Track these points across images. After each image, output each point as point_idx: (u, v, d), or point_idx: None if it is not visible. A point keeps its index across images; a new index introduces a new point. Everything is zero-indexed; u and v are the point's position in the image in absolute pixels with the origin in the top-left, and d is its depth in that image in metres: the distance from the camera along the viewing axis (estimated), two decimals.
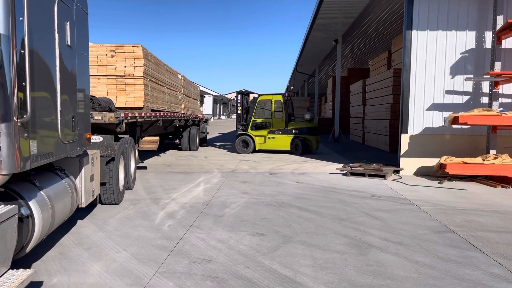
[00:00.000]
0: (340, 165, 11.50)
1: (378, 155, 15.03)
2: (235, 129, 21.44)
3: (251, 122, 16.28)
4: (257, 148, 16.14)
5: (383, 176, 10.04)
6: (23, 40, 3.22)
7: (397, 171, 10.71)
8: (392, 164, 11.26)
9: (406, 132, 10.73)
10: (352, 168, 10.67)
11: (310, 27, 19.29)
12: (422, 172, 10.61)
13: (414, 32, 10.54)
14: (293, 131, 15.79)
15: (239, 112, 16.68)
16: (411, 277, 4.04)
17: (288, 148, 15.86)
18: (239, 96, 16.72)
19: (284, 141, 15.89)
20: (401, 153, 10.80)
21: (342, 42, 21.42)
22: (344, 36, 20.65)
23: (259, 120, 16.23)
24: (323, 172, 11.19)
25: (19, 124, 3.16)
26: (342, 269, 4.24)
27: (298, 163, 13.07)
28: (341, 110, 22.50)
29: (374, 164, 11.15)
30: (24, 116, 3.21)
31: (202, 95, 38.66)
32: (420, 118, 10.65)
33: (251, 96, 18.31)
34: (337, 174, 10.68)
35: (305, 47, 24.12)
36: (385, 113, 17.01)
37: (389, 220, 6.19)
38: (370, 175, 10.19)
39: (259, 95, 16.89)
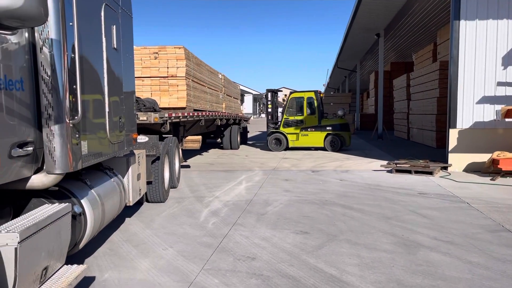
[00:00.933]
0: (385, 162, 11.19)
1: (424, 151, 14.53)
2: None
3: (283, 119, 16.37)
4: (290, 146, 16.21)
5: (430, 173, 9.68)
6: (73, 44, 3.34)
7: (445, 168, 10.30)
8: (440, 161, 10.84)
9: (454, 126, 10.30)
10: (397, 165, 10.36)
11: (350, 21, 18.94)
12: (473, 169, 10.15)
13: (462, 22, 10.08)
14: (327, 128, 15.86)
15: (269, 110, 16.77)
16: (464, 278, 3.86)
17: (322, 145, 15.89)
18: (269, 94, 16.74)
19: (317, 137, 15.94)
20: (450, 149, 10.37)
21: (384, 36, 20.89)
22: (386, 29, 20.11)
23: (291, 118, 16.32)
24: (367, 169, 10.95)
25: (71, 125, 3.29)
26: (389, 269, 4.12)
27: (340, 161, 12.86)
28: (384, 105, 21.96)
29: (421, 161, 10.77)
30: (76, 117, 3.33)
31: (242, 94, 38.94)
32: (470, 111, 10.19)
33: (280, 94, 18.44)
34: (381, 171, 10.42)
35: (345, 42, 23.71)
36: (431, 108, 16.41)
37: (438, 218, 5.95)
38: (417, 172, 9.86)
39: (291, 92, 16.91)
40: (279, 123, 16.55)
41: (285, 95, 17.48)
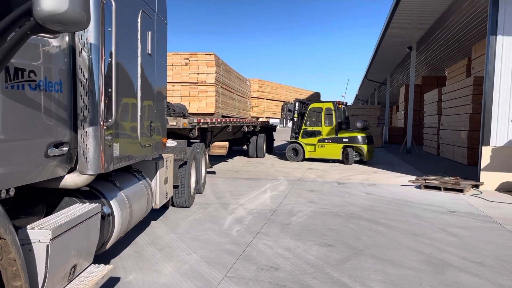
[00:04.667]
0: (413, 177, 10.96)
1: (455, 168, 14.14)
2: None
3: (302, 130, 16.23)
4: (306, 156, 16.01)
5: (460, 191, 9.41)
6: (110, 49, 3.43)
7: (476, 186, 9.98)
8: (471, 178, 10.52)
9: (487, 144, 10.00)
10: (426, 181, 10.12)
11: (382, 34, 18.73)
12: (506, 188, 9.80)
13: (499, 37, 9.81)
14: (343, 140, 15.42)
15: (295, 119, 16.59)
16: None
17: (338, 157, 15.52)
18: (297, 103, 16.59)
19: (334, 149, 15.58)
20: (482, 167, 10.06)
21: (417, 49, 20.54)
22: (419, 42, 19.78)
23: (309, 128, 16.16)
24: (395, 184, 10.74)
25: (105, 127, 3.36)
26: (416, 287, 4.01)
27: (367, 174, 12.67)
28: (413, 119, 21.52)
29: (451, 178, 10.49)
30: (109, 120, 3.41)
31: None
32: (504, 129, 9.87)
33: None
34: (409, 187, 10.20)
35: (376, 55, 23.44)
36: (463, 124, 15.98)
37: (468, 238, 5.77)
38: (446, 189, 9.60)
39: (311, 102, 16.80)
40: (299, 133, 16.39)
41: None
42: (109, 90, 3.42)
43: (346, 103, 17.08)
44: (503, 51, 9.82)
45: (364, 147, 15.21)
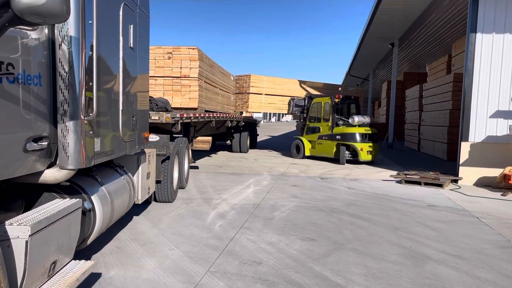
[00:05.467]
0: (394, 172, 11.12)
1: (435, 163, 14.40)
2: (284, 132, 21.40)
3: (306, 126, 15.60)
4: (306, 154, 15.33)
5: (440, 185, 9.60)
6: (91, 42, 3.38)
7: (455, 181, 10.19)
8: (450, 173, 10.73)
9: (466, 140, 10.20)
10: (407, 176, 10.29)
11: (365, 30, 18.87)
12: (483, 183, 10.03)
13: (478, 35, 10.00)
14: (336, 137, 14.35)
15: (304, 115, 15.98)
16: None
17: (332, 156, 14.52)
18: (306, 99, 16.09)
19: (329, 147, 14.64)
20: (461, 162, 10.28)
21: (399, 46, 20.76)
22: (401, 39, 20.00)
23: (311, 124, 15.39)
24: (376, 179, 10.88)
25: (86, 122, 3.32)
26: (396, 280, 4.08)
27: (349, 169, 12.80)
28: (395, 115, 21.78)
29: (431, 173, 10.68)
30: (90, 114, 3.36)
31: None
32: (483, 125, 10.08)
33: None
34: (390, 182, 10.35)
35: (359, 51, 23.62)
36: (443, 120, 16.27)
37: (447, 231, 5.89)
38: (426, 184, 9.78)
39: (315, 97, 15.97)
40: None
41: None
42: (90, 84, 3.37)
43: (356, 97, 15.80)
44: (482, 49, 10.02)
45: (358, 146, 13.81)
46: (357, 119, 14.16)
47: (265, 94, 18.49)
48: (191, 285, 3.85)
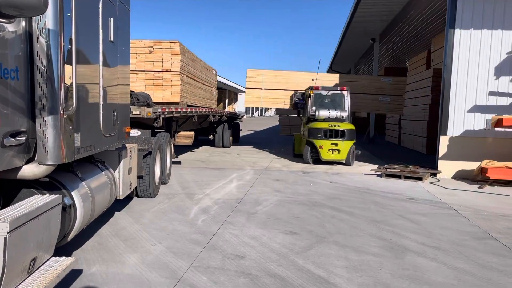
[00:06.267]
0: (375, 166, 11.28)
1: (415, 157, 14.65)
2: (268, 127, 20.99)
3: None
4: (295, 151, 14.09)
5: (420, 179, 9.77)
6: (70, 35, 3.31)
7: (434, 174, 10.39)
8: (430, 167, 10.94)
9: (445, 134, 10.40)
10: (388, 170, 10.44)
11: (347, 25, 19.00)
12: (461, 176, 10.26)
13: (457, 31, 10.17)
14: (304, 133, 12.96)
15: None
16: (450, 284, 3.91)
17: (302, 152, 13.12)
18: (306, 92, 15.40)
19: (301, 144, 13.50)
20: (439, 156, 10.48)
21: (380, 41, 20.99)
22: (382, 34, 20.22)
23: (303, 120, 14.12)
24: (357, 172, 11.01)
25: (65, 116, 3.26)
26: (377, 272, 4.16)
27: (331, 163, 12.90)
28: None
29: (411, 166, 10.86)
30: (70, 109, 3.31)
31: (236, 92, 38.89)
32: (461, 120, 10.29)
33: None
34: (371, 175, 10.49)
35: (341, 45, 23.79)
36: (423, 114, 16.53)
37: (426, 224, 6.02)
38: (406, 177, 9.95)
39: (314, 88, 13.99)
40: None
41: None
42: (69, 78, 3.31)
43: (343, 89, 13.39)
44: (460, 45, 10.20)
45: (317, 143, 12.18)
46: (321, 113, 12.60)
47: (265, 89, 17.19)
48: (174, 280, 3.84)
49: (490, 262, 4.51)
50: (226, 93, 30.26)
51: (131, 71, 8.60)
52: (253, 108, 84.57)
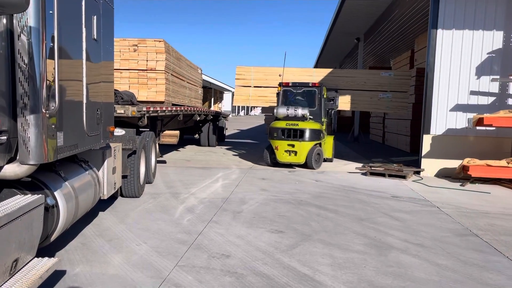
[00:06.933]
0: (360, 165, 11.38)
1: (399, 156, 14.83)
2: (253, 126, 20.69)
3: None
4: None
5: (403, 177, 9.90)
6: (52, 33, 3.26)
7: (417, 172, 10.55)
8: (413, 165, 11.10)
9: (428, 132, 10.56)
10: (372, 168, 10.56)
11: (331, 25, 19.12)
12: (444, 174, 10.43)
13: (439, 31, 10.33)
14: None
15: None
16: (433, 280, 3.97)
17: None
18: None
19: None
20: (423, 154, 10.63)
21: (364, 41, 21.17)
22: (366, 34, 20.41)
23: None
24: (342, 171, 11.10)
25: (47, 115, 3.21)
26: (361, 269, 4.20)
27: None
28: None
29: (395, 165, 11.01)
30: (52, 108, 3.26)
31: (221, 91, 38.80)
32: (443, 118, 10.46)
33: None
34: (356, 174, 10.59)
35: (326, 45, 23.94)
36: (407, 113, 16.74)
37: (409, 221, 6.10)
38: (390, 176, 10.07)
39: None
40: None
41: None
42: (51, 76, 3.26)
43: (315, 84, 12.33)
44: (443, 44, 10.36)
45: (273, 143, 11.32)
46: (279, 110, 11.55)
47: (254, 87, 15.78)
48: (159, 280, 3.82)
49: (471, 258, 4.60)
50: (212, 92, 30.16)
51: (115, 69, 8.51)
52: (239, 107, 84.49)
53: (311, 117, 11.54)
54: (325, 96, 12.26)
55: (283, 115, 11.41)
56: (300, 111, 11.28)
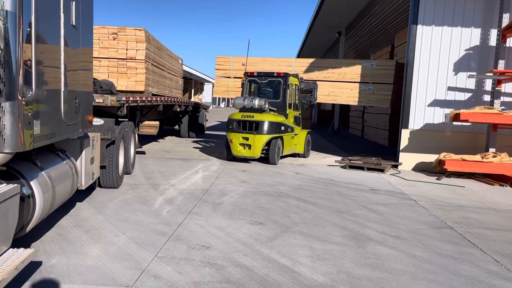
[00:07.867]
0: (339, 158, 11.50)
1: (377, 149, 15.05)
2: None
3: None
4: None
5: (381, 170, 10.05)
6: (29, 18, 3.16)
7: (395, 166, 10.73)
8: (391, 159, 11.27)
9: (406, 127, 10.73)
10: (351, 161, 10.68)
11: (313, 18, 19.15)
12: (421, 168, 10.63)
13: (419, 26, 10.47)
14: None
15: None
16: (409, 271, 4.06)
17: None
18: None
19: None
20: (401, 148, 10.81)
21: (345, 35, 21.30)
22: (347, 28, 20.52)
23: None
24: (322, 164, 11.20)
25: (23, 103, 3.13)
26: (340, 261, 4.26)
27: (295, 155, 13.03)
28: None
29: (373, 158, 11.16)
30: (29, 95, 3.17)
31: (202, 82, 38.52)
32: (421, 113, 10.64)
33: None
34: (336, 167, 10.70)
35: (307, 38, 23.98)
36: (386, 108, 16.96)
37: (387, 214, 6.21)
38: (369, 169, 10.21)
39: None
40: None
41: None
42: (28, 62, 3.17)
43: (280, 74, 11.23)
44: (422, 40, 10.51)
45: (228, 135, 10.66)
46: (236, 101, 10.97)
47: (234, 77, 14.94)
48: (138, 271, 3.79)
49: (446, 250, 4.72)
50: (192, 83, 29.91)
51: (94, 58, 8.34)
52: (219, 98, 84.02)
53: (274, 109, 10.91)
54: (293, 88, 11.51)
55: (240, 106, 10.77)
56: (257, 102, 10.48)
